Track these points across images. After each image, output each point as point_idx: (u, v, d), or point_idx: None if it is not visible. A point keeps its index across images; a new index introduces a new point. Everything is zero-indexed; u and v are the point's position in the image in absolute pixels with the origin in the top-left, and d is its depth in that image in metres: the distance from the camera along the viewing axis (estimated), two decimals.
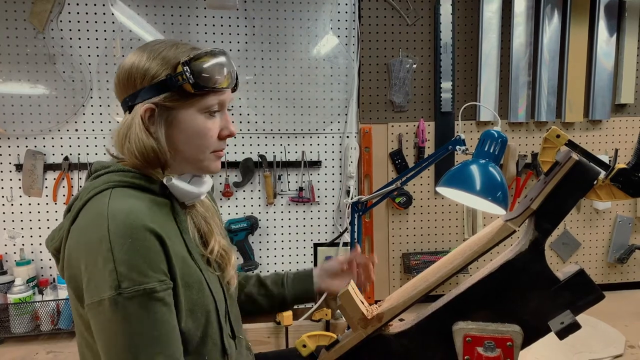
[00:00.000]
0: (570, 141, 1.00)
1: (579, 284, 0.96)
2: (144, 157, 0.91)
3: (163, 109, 0.92)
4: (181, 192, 0.95)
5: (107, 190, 0.89)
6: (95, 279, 0.81)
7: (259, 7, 1.94)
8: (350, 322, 1.05)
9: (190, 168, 0.99)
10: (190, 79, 0.90)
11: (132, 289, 0.80)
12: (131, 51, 0.97)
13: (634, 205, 2.20)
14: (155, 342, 0.83)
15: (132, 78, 0.92)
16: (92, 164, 0.98)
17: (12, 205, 1.89)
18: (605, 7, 2.06)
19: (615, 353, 1.61)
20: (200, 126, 0.94)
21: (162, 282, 0.84)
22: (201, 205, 1.05)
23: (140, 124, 0.90)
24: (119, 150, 0.95)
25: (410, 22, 2.04)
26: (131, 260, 0.81)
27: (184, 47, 0.95)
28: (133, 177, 0.92)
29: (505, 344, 0.96)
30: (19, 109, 1.85)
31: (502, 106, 2.09)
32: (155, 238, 0.84)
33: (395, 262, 2.10)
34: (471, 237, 1.16)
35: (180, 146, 0.95)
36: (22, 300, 1.77)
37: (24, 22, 1.82)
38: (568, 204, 0.97)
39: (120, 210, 0.84)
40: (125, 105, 0.95)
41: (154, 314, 0.82)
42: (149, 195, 0.92)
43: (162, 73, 0.91)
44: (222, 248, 1.03)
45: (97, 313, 0.81)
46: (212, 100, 0.95)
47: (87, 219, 0.86)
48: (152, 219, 0.86)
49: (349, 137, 2.04)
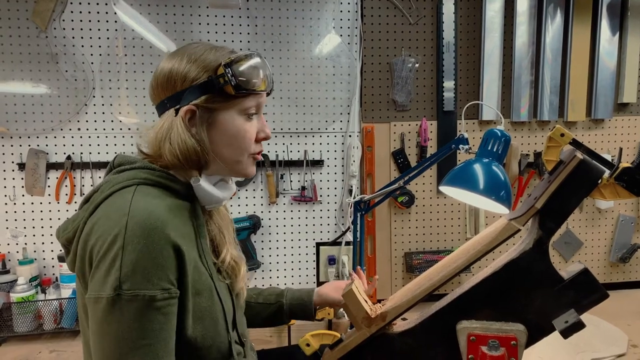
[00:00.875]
0: (575, 140, 1.00)
1: (583, 282, 0.96)
2: (186, 158, 0.91)
3: (204, 110, 0.92)
4: (205, 194, 0.95)
5: (131, 186, 0.88)
6: (100, 274, 0.81)
7: (261, 6, 1.94)
8: (354, 321, 1.05)
9: (226, 171, 0.99)
10: (232, 81, 0.91)
11: (131, 292, 0.79)
12: (168, 54, 0.98)
13: (636, 205, 2.19)
14: (142, 352, 0.81)
15: (171, 81, 0.93)
16: (115, 157, 0.98)
17: (14, 205, 1.89)
18: (607, 6, 2.05)
19: (618, 352, 1.61)
20: (239, 127, 0.95)
21: (166, 290, 0.82)
22: (217, 214, 1.05)
23: (182, 125, 0.91)
24: (154, 150, 0.94)
25: (413, 21, 2.04)
26: (139, 262, 0.80)
27: (222, 50, 0.96)
28: (159, 175, 0.92)
29: (510, 342, 0.96)
30: (22, 108, 1.85)
31: (504, 105, 2.09)
32: (171, 245, 0.83)
33: (397, 262, 2.10)
34: (474, 236, 1.16)
35: (220, 148, 0.95)
36: (24, 299, 1.77)
37: (26, 21, 1.82)
38: (572, 203, 0.97)
39: (142, 210, 0.83)
40: (163, 108, 0.95)
41: (147, 323, 0.81)
42: (172, 196, 0.92)
43: (203, 75, 0.92)
44: (233, 259, 1.03)
45: (94, 309, 0.81)
46: (251, 102, 0.96)
47: (107, 214, 0.85)
48: (172, 222, 0.85)
49: (352, 136, 2.04)
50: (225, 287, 1.00)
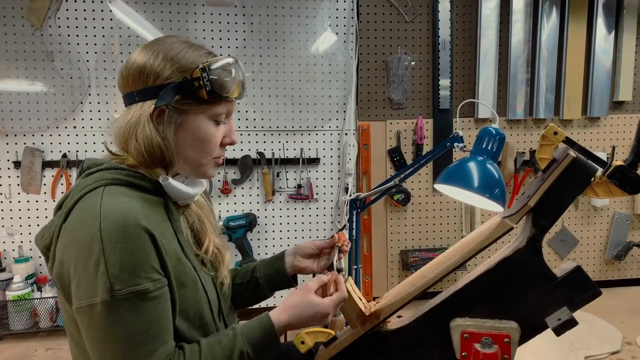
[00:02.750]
0: (568, 138, 1.00)
1: (576, 280, 0.97)
2: (150, 154, 0.90)
3: (174, 110, 0.91)
4: (176, 191, 0.94)
5: (99, 188, 0.87)
6: (86, 281, 0.80)
7: (257, 4, 1.93)
8: (349, 318, 1.05)
9: (188, 171, 0.98)
10: (207, 86, 0.90)
11: (124, 291, 0.79)
12: (141, 45, 0.96)
13: (631, 202, 2.20)
14: (152, 339, 0.83)
15: (144, 75, 0.91)
16: (83, 161, 0.97)
17: (10, 203, 1.89)
18: (603, 4, 2.06)
19: (613, 349, 1.62)
20: (207, 132, 0.94)
21: (156, 281, 0.83)
22: (195, 204, 1.04)
23: (149, 122, 0.90)
24: (122, 147, 0.93)
25: (409, 19, 2.04)
26: (123, 261, 0.80)
27: (200, 50, 0.95)
28: (127, 174, 0.91)
29: (503, 340, 0.96)
30: (17, 106, 1.84)
31: (500, 103, 2.10)
32: (148, 237, 0.83)
33: (393, 259, 2.11)
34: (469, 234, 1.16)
35: (185, 149, 0.94)
36: (20, 298, 1.77)
37: (21, 19, 1.81)
38: (565, 201, 0.97)
39: (114, 209, 0.83)
40: (131, 99, 0.93)
41: (146, 314, 0.82)
42: (142, 194, 0.91)
43: (177, 75, 0.91)
44: (216, 247, 1.02)
45: (89, 316, 0.81)
46: (222, 108, 0.95)
47: (78, 218, 0.85)
48: (146, 216, 0.85)
49: (348, 134, 2.04)
50: (209, 279, 1.00)
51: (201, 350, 0.88)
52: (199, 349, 0.88)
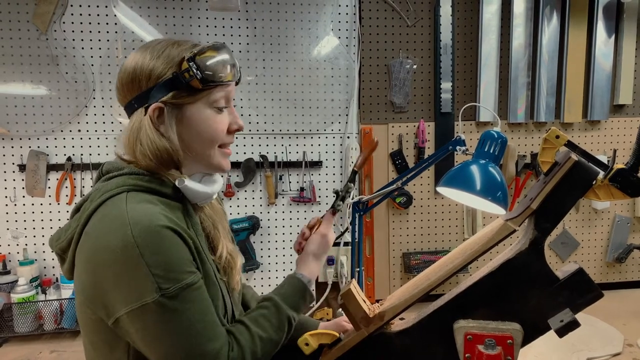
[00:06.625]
0: (570, 142, 1.01)
1: (578, 282, 0.98)
2: (158, 158, 0.91)
3: (172, 107, 0.92)
4: (194, 193, 0.95)
5: (121, 194, 0.88)
6: (129, 286, 0.82)
7: (260, 8, 1.95)
8: (352, 320, 1.06)
9: (200, 166, 1.00)
10: (197, 75, 0.91)
11: (173, 288, 0.83)
12: (132, 52, 0.98)
13: (632, 205, 2.21)
14: (210, 326, 0.88)
15: (136, 80, 0.92)
16: (102, 164, 0.98)
17: (15, 206, 1.90)
18: (603, 8, 2.07)
19: (614, 351, 1.62)
20: (209, 120, 0.95)
21: (194, 273, 0.88)
22: (210, 208, 1.06)
23: (150, 125, 0.91)
24: (130, 153, 0.94)
25: (411, 23, 2.06)
26: (164, 261, 0.83)
27: (185, 43, 0.96)
28: (148, 180, 0.92)
29: (506, 341, 0.97)
30: (22, 109, 1.86)
31: (501, 107, 2.11)
32: (178, 237, 0.87)
33: (395, 262, 2.12)
34: (471, 237, 1.17)
35: (191, 143, 0.96)
36: (25, 300, 1.78)
37: (27, 24, 1.83)
38: (567, 204, 0.98)
39: (142, 215, 0.84)
40: (131, 108, 0.95)
41: (198, 303, 0.87)
42: (162, 199, 0.92)
43: (167, 72, 0.92)
44: (229, 253, 1.04)
45: (142, 319, 0.82)
46: (219, 94, 0.96)
47: (104, 225, 0.85)
48: (171, 220, 0.87)
49: (350, 138, 2.05)
50: (223, 285, 1.02)
51: (249, 327, 0.95)
52: (245, 326, 0.95)
